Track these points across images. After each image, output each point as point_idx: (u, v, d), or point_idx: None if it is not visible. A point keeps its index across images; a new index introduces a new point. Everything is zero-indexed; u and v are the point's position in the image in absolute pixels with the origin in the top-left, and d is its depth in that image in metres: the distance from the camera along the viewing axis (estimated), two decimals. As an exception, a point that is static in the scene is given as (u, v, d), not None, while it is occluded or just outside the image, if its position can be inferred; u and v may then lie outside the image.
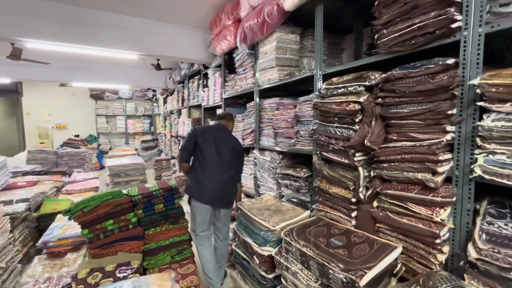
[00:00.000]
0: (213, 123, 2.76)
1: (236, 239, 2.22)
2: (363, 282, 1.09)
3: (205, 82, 4.07)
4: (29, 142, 7.52)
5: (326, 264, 1.24)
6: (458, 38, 1.11)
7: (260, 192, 2.61)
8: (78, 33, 3.04)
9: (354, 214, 1.54)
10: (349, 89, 1.48)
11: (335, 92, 1.57)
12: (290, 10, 1.93)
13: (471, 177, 1.10)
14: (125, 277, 1.58)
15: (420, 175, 1.20)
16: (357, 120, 1.45)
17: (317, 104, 1.68)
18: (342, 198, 1.59)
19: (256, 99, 2.60)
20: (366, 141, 1.37)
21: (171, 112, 6.27)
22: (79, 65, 5.45)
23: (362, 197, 1.46)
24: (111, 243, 1.80)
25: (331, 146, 1.64)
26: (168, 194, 2.03)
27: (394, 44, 1.29)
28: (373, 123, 1.38)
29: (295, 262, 1.47)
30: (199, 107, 4.44)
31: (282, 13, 1.99)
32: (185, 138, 2.20)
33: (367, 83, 1.40)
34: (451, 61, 1.10)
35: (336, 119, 1.59)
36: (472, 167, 1.09)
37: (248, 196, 2.85)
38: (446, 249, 1.16)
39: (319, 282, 1.30)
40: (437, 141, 1.15)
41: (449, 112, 1.12)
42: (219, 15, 2.89)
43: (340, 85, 1.55)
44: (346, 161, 1.55)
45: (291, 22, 2.23)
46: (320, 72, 1.85)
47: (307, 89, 2.11)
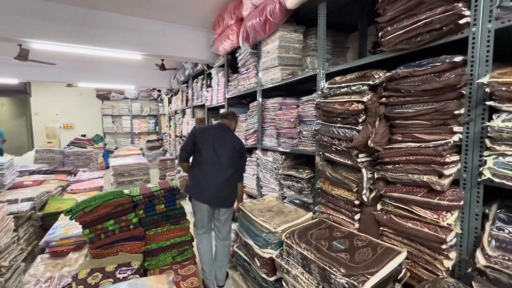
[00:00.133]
0: (216, 122, 2.75)
1: (238, 240, 2.19)
2: (365, 288, 1.06)
3: (208, 82, 4.06)
4: (37, 141, 7.66)
5: (328, 268, 1.21)
6: (466, 34, 1.06)
7: (263, 193, 2.58)
8: (83, 33, 3.07)
9: (357, 216, 1.50)
10: (353, 88, 1.44)
11: (338, 92, 1.53)
12: (293, 8, 1.90)
13: (479, 180, 1.05)
14: (125, 278, 1.57)
15: (425, 178, 1.15)
16: (360, 120, 1.41)
17: (320, 103, 1.65)
18: (345, 200, 1.55)
19: (259, 99, 2.57)
20: (369, 142, 1.33)
21: (176, 112, 6.30)
22: (85, 65, 5.53)
23: (365, 199, 1.42)
24: (112, 243, 1.79)
25: (334, 146, 1.60)
26: (169, 194, 2.02)
27: (399, 42, 1.25)
28: (377, 123, 1.34)
29: (296, 265, 1.44)
30: (203, 107, 4.44)
31: (284, 11, 1.96)
32: (185, 138, 2.21)
33: (371, 82, 1.36)
34: (458, 58, 1.06)
35: (339, 119, 1.55)
36: (480, 169, 1.04)
37: (251, 196, 2.82)
38: (453, 255, 1.12)
39: (320, 286, 1.27)
40: (443, 142, 1.11)
41: (456, 112, 1.07)
42: (222, 14, 2.88)
43: (343, 84, 1.51)
44: (349, 162, 1.51)
45: (294, 21, 2.20)
46: (323, 71, 1.81)
47: (310, 89, 2.08)
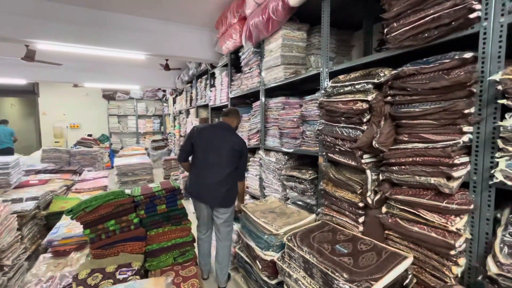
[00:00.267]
0: (217, 121, 2.74)
1: (240, 241, 2.17)
2: (369, 295, 1.02)
3: (212, 82, 4.05)
4: (45, 141, 7.77)
5: (330, 273, 1.16)
6: (477, 29, 1.00)
7: (266, 194, 2.54)
8: (87, 34, 3.08)
9: (361, 219, 1.46)
10: (357, 87, 1.39)
11: (341, 91, 1.49)
12: (296, 6, 1.86)
13: (491, 183, 0.99)
14: (125, 279, 1.56)
15: (433, 180, 1.10)
16: (365, 120, 1.36)
17: (323, 103, 1.61)
18: (349, 202, 1.50)
19: (262, 98, 2.54)
20: (374, 142, 1.28)
21: (180, 112, 6.30)
22: (91, 66, 5.57)
23: (370, 201, 1.37)
24: (112, 244, 1.79)
25: (337, 147, 1.56)
26: (170, 195, 2.01)
27: (406, 38, 1.20)
28: (382, 123, 1.30)
29: (297, 269, 1.40)
30: (206, 107, 4.42)
31: (287, 9, 1.92)
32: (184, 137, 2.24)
33: (375, 80, 1.32)
34: (468, 55, 1.00)
35: (342, 118, 1.51)
36: (492, 172, 0.98)
37: (253, 197, 2.79)
38: (462, 261, 1.06)
39: (323, 291, 1.23)
40: (452, 143, 1.05)
41: (466, 111, 1.02)
42: (225, 13, 2.85)
43: (347, 83, 1.47)
44: (353, 163, 1.46)
45: (297, 19, 2.16)
46: (327, 70, 1.77)
47: (315, 88, 2.03)
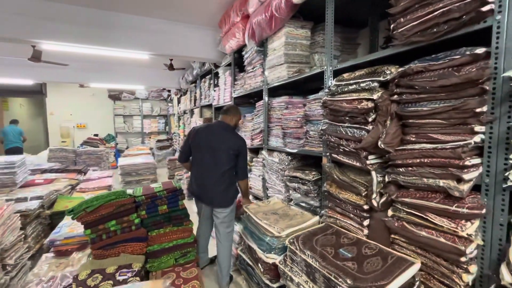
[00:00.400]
0: (216, 120, 2.73)
1: (242, 243, 2.13)
2: (373, 302, 0.97)
3: (216, 82, 4.03)
4: (52, 141, 7.89)
5: (333, 278, 1.12)
6: (490, 23, 0.95)
7: (269, 195, 2.50)
8: (92, 34, 3.09)
9: (366, 222, 1.40)
10: (362, 85, 1.34)
11: (346, 89, 1.44)
12: (299, 3, 1.82)
13: (505, 186, 0.93)
14: (125, 280, 1.54)
15: (442, 182, 1.04)
16: (370, 120, 1.31)
17: (327, 102, 1.56)
18: (353, 205, 1.46)
19: (265, 97, 2.50)
20: (380, 142, 1.23)
21: (185, 112, 6.31)
22: (96, 66, 5.63)
23: (375, 204, 1.32)
24: (113, 244, 1.77)
25: (341, 147, 1.51)
26: (172, 195, 1.98)
27: (413, 34, 1.15)
28: (388, 122, 1.24)
29: (300, 273, 1.36)
30: (210, 106, 4.41)
31: (290, 6, 1.88)
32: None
33: (381, 78, 1.27)
34: (480, 50, 0.95)
35: (347, 118, 1.46)
36: (506, 174, 0.93)
37: (257, 198, 2.75)
38: (473, 268, 1.01)
39: (325, 297, 1.19)
40: (463, 143, 1.00)
41: (478, 110, 0.96)
42: (228, 12, 2.83)
43: (351, 81, 1.42)
44: (357, 164, 1.41)
45: (301, 16, 2.11)
46: (331, 68, 1.72)
47: (318, 87, 1.99)
